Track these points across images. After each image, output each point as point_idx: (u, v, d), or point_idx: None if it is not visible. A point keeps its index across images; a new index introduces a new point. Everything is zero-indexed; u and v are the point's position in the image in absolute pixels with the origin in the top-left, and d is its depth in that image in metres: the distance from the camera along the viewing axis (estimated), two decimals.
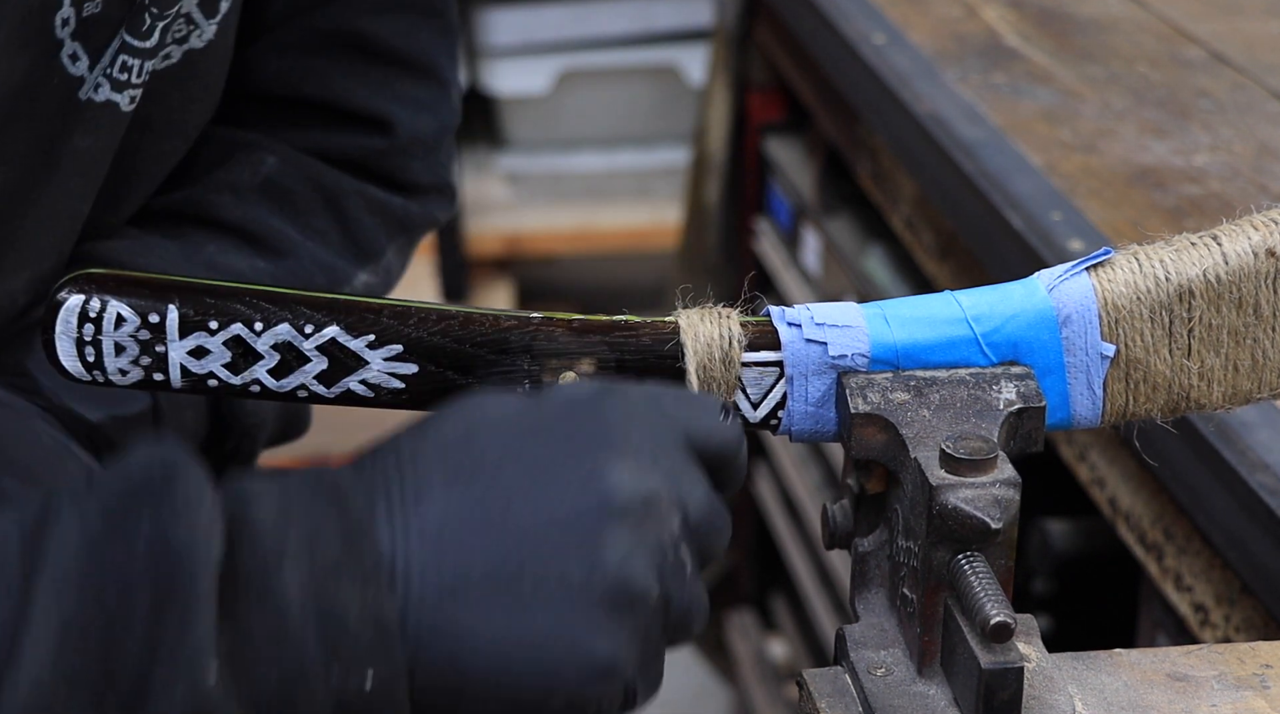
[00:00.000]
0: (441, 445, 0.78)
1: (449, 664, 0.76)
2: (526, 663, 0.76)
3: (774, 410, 0.89)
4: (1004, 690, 0.81)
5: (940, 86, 1.85)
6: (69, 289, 0.86)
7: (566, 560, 0.76)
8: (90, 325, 0.86)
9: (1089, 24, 2.04)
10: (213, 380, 0.87)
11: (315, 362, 0.87)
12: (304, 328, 0.87)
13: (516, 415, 0.80)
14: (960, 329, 0.89)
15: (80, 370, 0.87)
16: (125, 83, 1.01)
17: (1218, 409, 0.92)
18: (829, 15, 2.09)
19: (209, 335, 0.87)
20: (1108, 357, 0.90)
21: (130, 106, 1.02)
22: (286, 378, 0.87)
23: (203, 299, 0.87)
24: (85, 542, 0.73)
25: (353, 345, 0.87)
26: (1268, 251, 0.90)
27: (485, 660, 0.76)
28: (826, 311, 0.89)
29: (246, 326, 0.86)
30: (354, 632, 0.74)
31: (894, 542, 0.87)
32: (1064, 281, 0.90)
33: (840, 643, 0.88)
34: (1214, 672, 0.89)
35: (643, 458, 0.78)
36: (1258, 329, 0.91)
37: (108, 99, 1.01)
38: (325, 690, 0.74)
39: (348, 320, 0.87)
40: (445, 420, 0.80)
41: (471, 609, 0.75)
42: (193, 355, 0.87)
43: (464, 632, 0.75)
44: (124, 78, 1.01)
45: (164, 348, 0.87)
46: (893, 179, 1.95)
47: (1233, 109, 1.79)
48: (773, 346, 0.89)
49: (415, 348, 0.87)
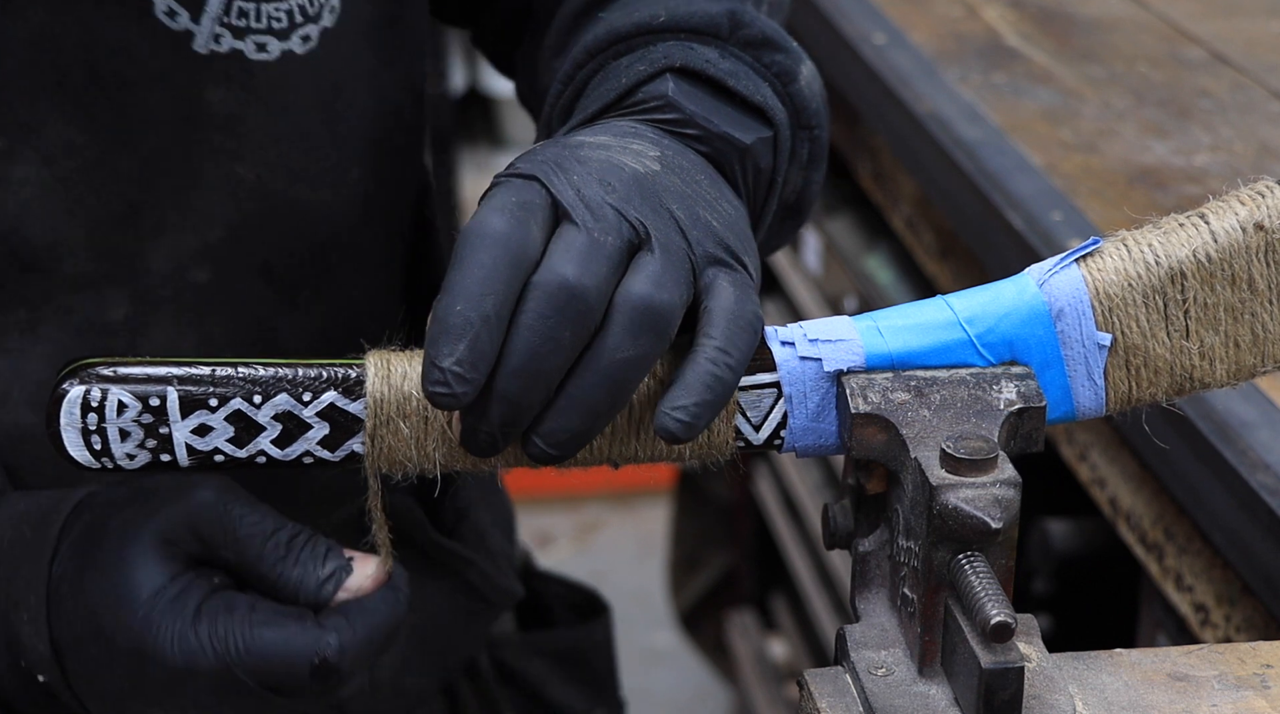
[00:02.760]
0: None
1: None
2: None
3: (776, 431, 0.90)
4: (1004, 690, 0.81)
5: (941, 86, 1.85)
6: (70, 381, 0.88)
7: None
8: (94, 414, 0.88)
9: (1089, 24, 2.04)
10: (219, 456, 0.89)
11: (317, 427, 0.89)
12: (301, 396, 0.88)
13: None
14: (954, 333, 0.89)
15: (89, 459, 0.89)
16: (245, 28, 1.00)
17: (1223, 386, 0.91)
18: (829, 15, 2.09)
19: (210, 412, 0.88)
20: (1105, 346, 0.90)
21: (261, 54, 1.01)
22: (291, 446, 0.89)
23: (200, 378, 0.88)
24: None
25: (351, 408, 0.89)
26: (1256, 226, 0.90)
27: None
28: (819, 327, 0.89)
29: (245, 400, 0.88)
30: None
31: (894, 542, 0.87)
32: (1054, 275, 0.90)
33: (841, 643, 0.88)
34: (1214, 671, 0.89)
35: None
36: (1254, 303, 0.90)
37: (231, 48, 1.00)
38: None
39: (344, 386, 0.89)
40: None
41: None
42: (196, 433, 0.89)
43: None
44: (242, 23, 1.00)
45: (167, 429, 0.88)
46: (893, 179, 1.95)
47: (1233, 109, 1.79)
48: (768, 368, 0.89)
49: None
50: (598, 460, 0.90)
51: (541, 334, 0.84)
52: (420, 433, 0.88)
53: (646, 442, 0.90)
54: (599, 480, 3.68)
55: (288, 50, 1.02)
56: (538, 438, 0.86)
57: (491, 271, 0.84)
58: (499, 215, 0.86)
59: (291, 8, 1.01)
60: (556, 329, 0.84)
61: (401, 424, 0.88)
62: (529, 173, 0.90)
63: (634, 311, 0.85)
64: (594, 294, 0.85)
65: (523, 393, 0.84)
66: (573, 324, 0.84)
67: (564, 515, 3.75)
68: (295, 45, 1.02)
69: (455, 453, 0.89)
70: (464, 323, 0.83)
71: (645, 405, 0.89)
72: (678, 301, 0.87)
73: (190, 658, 0.94)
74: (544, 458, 0.86)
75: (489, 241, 0.85)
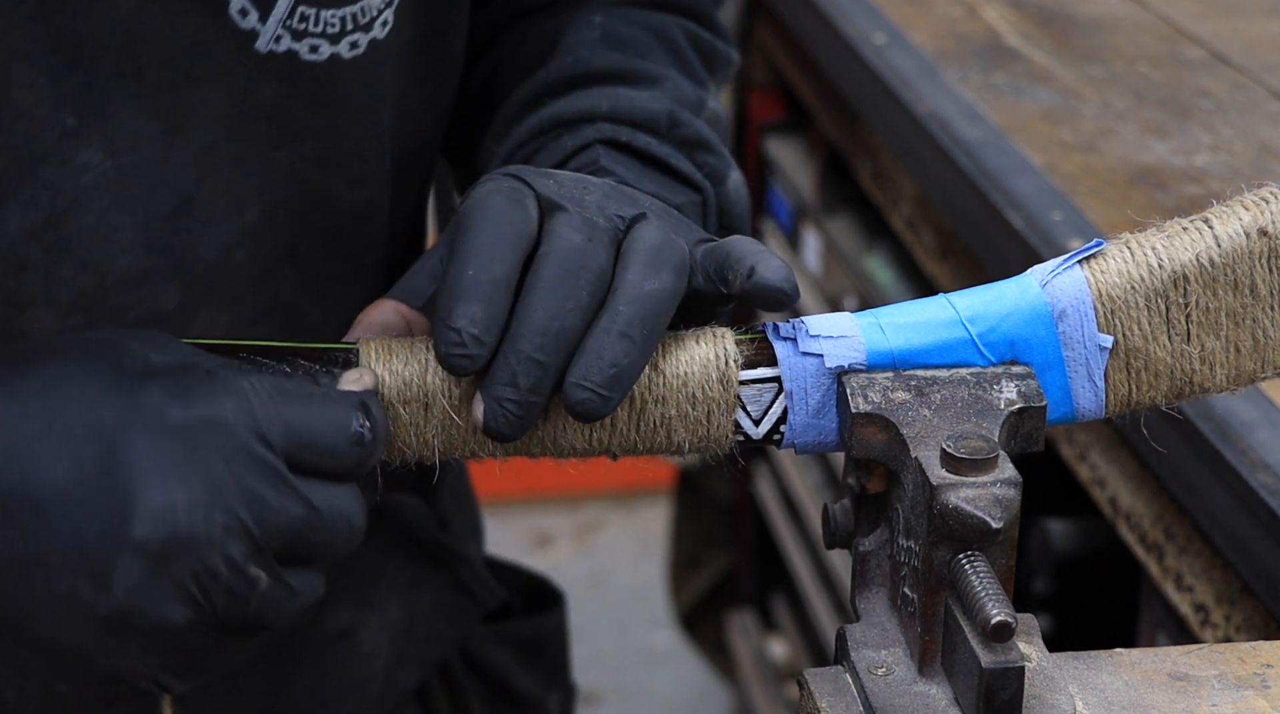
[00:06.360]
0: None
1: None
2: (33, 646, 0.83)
3: (776, 426, 0.90)
4: (1005, 690, 0.81)
5: (941, 86, 1.85)
6: None
7: (78, 581, 0.82)
8: None
9: (1089, 24, 2.04)
10: None
11: None
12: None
13: (83, 405, 0.83)
14: (956, 331, 0.89)
15: None
16: (304, 31, 1.01)
17: (1223, 391, 0.91)
18: (829, 15, 2.09)
19: None
20: (1106, 348, 0.90)
21: (312, 55, 1.02)
22: None
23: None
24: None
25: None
26: (1260, 231, 0.90)
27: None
28: (821, 323, 0.89)
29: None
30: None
31: (895, 541, 0.87)
32: (1057, 276, 0.90)
33: (841, 642, 0.88)
34: (1214, 671, 0.89)
35: (178, 488, 0.82)
36: (1256, 309, 0.90)
37: (288, 49, 1.02)
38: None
39: (344, 367, 0.88)
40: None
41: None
42: None
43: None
44: (302, 27, 1.01)
45: None
46: (893, 179, 1.95)
47: (1233, 109, 1.79)
48: (769, 362, 0.89)
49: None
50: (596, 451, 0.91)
51: (560, 294, 0.86)
52: (420, 419, 0.88)
53: (646, 432, 0.90)
54: (599, 480, 3.69)
55: (335, 53, 1.03)
56: (580, 381, 0.85)
57: (498, 238, 0.86)
58: (496, 194, 0.89)
59: (346, 15, 1.03)
60: (575, 289, 0.86)
61: (401, 410, 0.88)
62: (512, 174, 0.92)
63: (649, 251, 0.88)
64: (605, 258, 0.88)
65: (548, 352, 0.85)
66: (589, 284, 0.86)
67: (564, 515, 3.75)
68: (343, 50, 1.04)
69: (454, 439, 0.89)
70: (476, 285, 0.85)
71: (645, 395, 0.89)
72: (687, 248, 0.90)
73: (211, 408, 0.82)
74: (589, 404, 0.85)
75: (492, 213, 0.88)
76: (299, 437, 0.84)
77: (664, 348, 0.89)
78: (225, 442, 0.83)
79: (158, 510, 0.81)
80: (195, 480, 0.82)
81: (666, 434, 0.90)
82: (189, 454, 0.82)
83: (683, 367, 0.89)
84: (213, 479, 0.82)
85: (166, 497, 0.82)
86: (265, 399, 0.84)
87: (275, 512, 0.83)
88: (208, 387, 0.84)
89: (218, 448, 0.82)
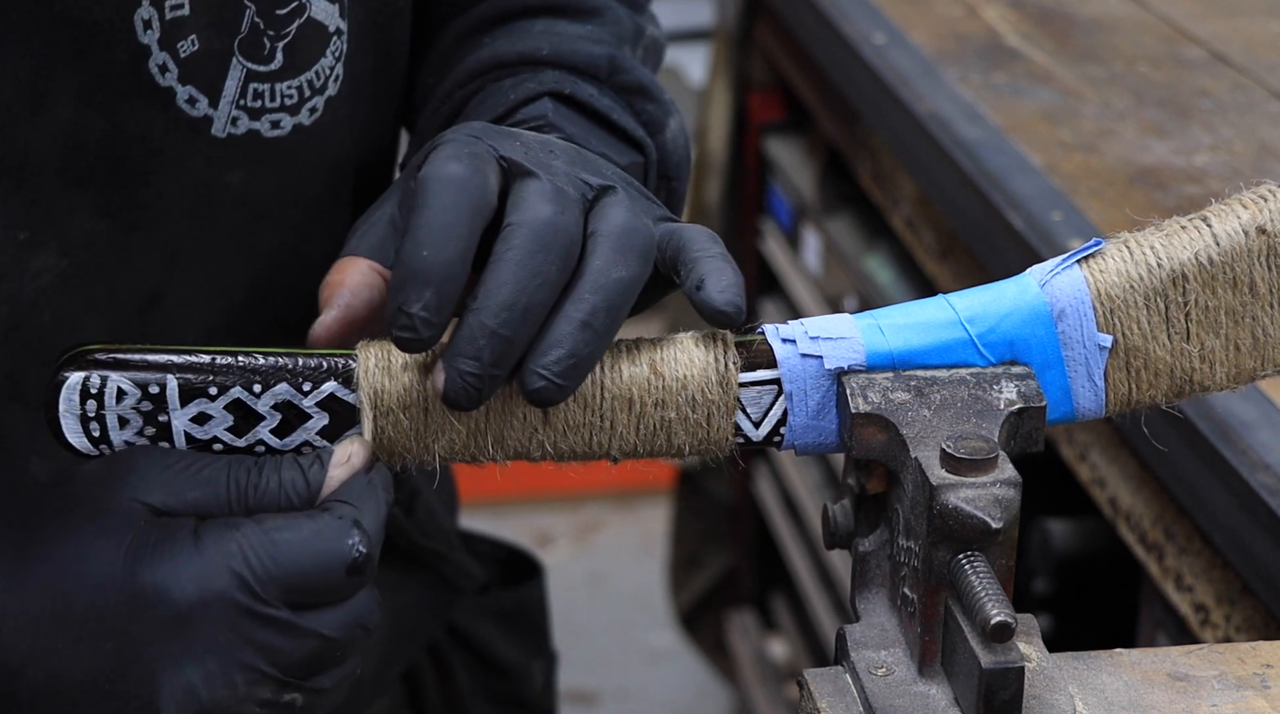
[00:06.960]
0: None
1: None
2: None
3: (776, 427, 0.90)
4: (1004, 690, 0.81)
5: (940, 86, 1.85)
6: (69, 368, 0.87)
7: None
8: (93, 401, 0.88)
9: (1089, 24, 2.04)
10: (218, 444, 0.89)
11: (316, 417, 0.89)
12: (301, 386, 0.88)
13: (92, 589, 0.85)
14: (955, 332, 0.89)
15: (87, 446, 0.88)
16: (260, 109, 1.01)
17: (1223, 389, 0.92)
18: (829, 15, 2.09)
19: (209, 401, 0.88)
20: (1105, 347, 0.90)
21: (275, 131, 1.02)
22: (290, 436, 0.89)
23: (200, 366, 0.88)
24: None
25: (350, 398, 0.88)
26: (1258, 229, 0.90)
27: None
28: (820, 324, 0.89)
29: (245, 389, 0.88)
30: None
31: (895, 541, 0.87)
32: (1056, 276, 0.90)
33: (841, 643, 0.88)
34: (1214, 671, 0.89)
35: (190, 666, 0.85)
36: (1255, 307, 0.90)
37: (248, 129, 1.01)
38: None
39: (344, 376, 0.88)
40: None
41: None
42: (195, 422, 0.88)
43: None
44: (258, 104, 1.01)
45: (166, 417, 0.88)
46: (893, 179, 1.95)
47: (1233, 109, 1.79)
48: (769, 364, 0.89)
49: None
50: (596, 454, 0.91)
51: (529, 269, 0.85)
52: (420, 425, 0.89)
53: (647, 435, 0.90)
54: (599, 480, 3.68)
55: (298, 123, 1.03)
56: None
57: (455, 215, 0.86)
58: (455, 163, 0.87)
59: (302, 83, 1.03)
60: (543, 263, 0.85)
61: (402, 416, 0.88)
62: (476, 136, 0.91)
63: (619, 236, 0.88)
64: (575, 230, 0.87)
65: (513, 328, 0.84)
66: (559, 259, 0.86)
67: (564, 515, 3.75)
68: (304, 118, 1.03)
69: (455, 443, 0.89)
70: (428, 268, 0.84)
71: (645, 399, 0.89)
72: (654, 232, 0.89)
73: (204, 584, 0.84)
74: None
75: (449, 186, 0.86)
76: (297, 585, 0.85)
77: (663, 351, 0.89)
78: (226, 612, 0.85)
79: (179, 694, 0.85)
80: (207, 655, 0.85)
81: (667, 437, 0.90)
82: (196, 633, 0.85)
83: (682, 370, 0.89)
84: (222, 648, 0.85)
85: (184, 678, 0.85)
86: (255, 557, 0.85)
87: (290, 653, 0.86)
88: (197, 555, 0.85)
89: (221, 618, 0.85)
